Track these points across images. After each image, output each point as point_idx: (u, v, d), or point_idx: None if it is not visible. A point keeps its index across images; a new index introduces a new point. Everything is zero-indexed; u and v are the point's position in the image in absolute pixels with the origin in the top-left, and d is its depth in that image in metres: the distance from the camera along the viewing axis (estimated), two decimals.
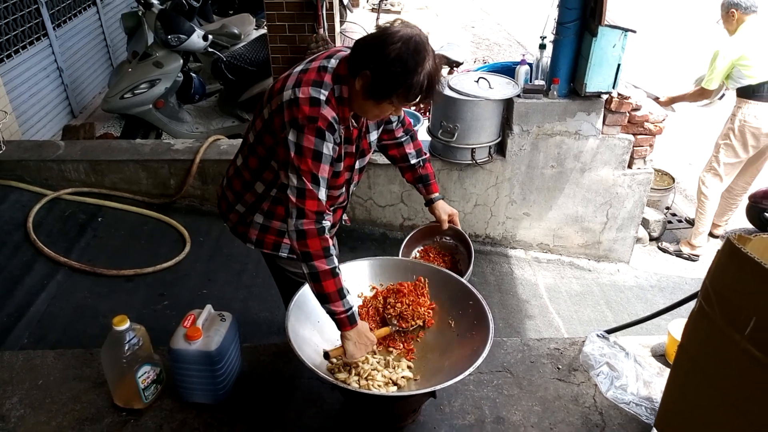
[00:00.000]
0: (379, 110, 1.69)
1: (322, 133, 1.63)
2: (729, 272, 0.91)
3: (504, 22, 9.95)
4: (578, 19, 3.43)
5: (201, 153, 3.72)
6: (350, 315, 1.65)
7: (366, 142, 1.93)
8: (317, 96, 1.64)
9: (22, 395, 1.87)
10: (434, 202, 2.13)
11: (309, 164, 1.63)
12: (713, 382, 0.98)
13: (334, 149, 1.68)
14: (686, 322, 1.06)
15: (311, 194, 1.63)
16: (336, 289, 1.63)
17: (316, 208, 1.63)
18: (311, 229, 1.62)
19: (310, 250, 1.61)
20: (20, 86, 4.90)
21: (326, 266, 1.62)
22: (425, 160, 2.17)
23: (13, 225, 3.34)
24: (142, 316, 2.87)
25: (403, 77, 1.57)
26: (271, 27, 4.48)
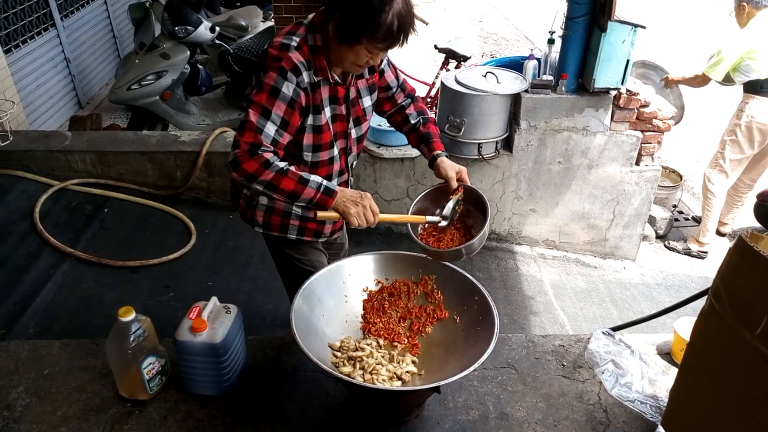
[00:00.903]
0: (355, 56, 1.67)
1: (284, 72, 1.65)
2: (741, 271, 0.90)
3: (512, 17, 9.90)
4: (587, 14, 3.40)
5: (207, 145, 3.73)
6: (324, 190, 1.69)
7: (360, 108, 1.92)
8: (287, 42, 1.69)
9: (28, 385, 1.88)
10: (437, 159, 1.98)
11: (264, 99, 1.66)
12: (722, 381, 0.98)
13: (296, 92, 1.68)
14: (696, 320, 1.05)
15: (250, 126, 1.65)
16: (295, 182, 1.66)
17: (251, 139, 1.65)
18: (242, 153, 1.65)
19: (248, 171, 1.65)
20: (28, 76, 4.91)
21: (271, 173, 1.65)
22: (427, 119, 2.08)
23: (20, 215, 3.35)
24: (148, 308, 2.88)
25: (370, 15, 1.57)
26: (278, 19, 4.47)
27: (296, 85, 1.68)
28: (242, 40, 5.36)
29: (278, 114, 1.67)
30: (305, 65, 1.69)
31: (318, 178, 1.71)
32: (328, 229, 2.10)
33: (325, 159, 1.89)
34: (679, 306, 2.21)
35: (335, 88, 1.81)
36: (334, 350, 1.75)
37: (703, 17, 9.18)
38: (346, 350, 1.73)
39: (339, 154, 1.92)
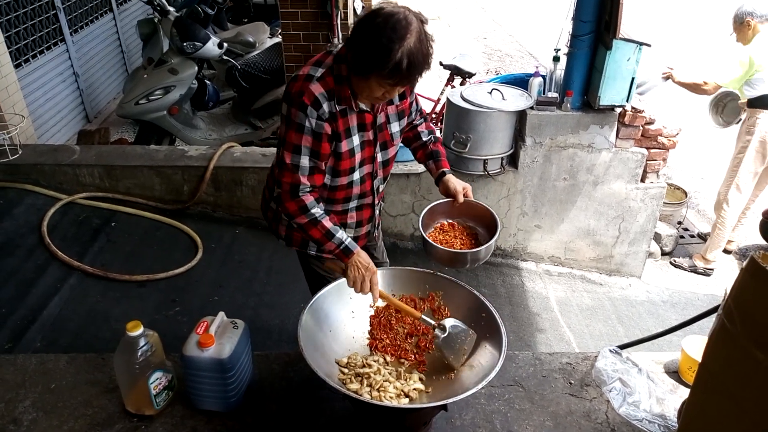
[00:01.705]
0: (369, 89, 1.72)
1: (305, 107, 1.73)
2: (753, 291, 0.90)
3: (516, 34, 9.97)
4: (593, 32, 3.43)
5: (215, 160, 3.75)
6: (343, 249, 1.83)
7: (387, 133, 1.96)
8: (312, 73, 1.76)
9: (35, 399, 1.88)
10: (445, 176, 2.10)
11: (292, 136, 1.77)
12: (735, 401, 0.97)
13: (319, 125, 1.75)
14: (708, 339, 1.05)
15: (286, 167, 1.80)
16: (322, 234, 1.83)
17: (290, 180, 1.80)
18: (285, 194, 1.82)
19: (288, 211, 1.84)
20: (37, 91, 4.96)
21: (306, 219, 1.82)
22: (436, 138, 2.19)
23: (28, 228, 3.37)
24: (154, 322, 2.88)
25: (378, 53, 1.60)
26: (285, 36, 4.52)
27: (317, 119, 1.75)
28: (249, 55, 5.41)
29: (307, 146, 1.78)
30: (326, 96, 1.74)
31: (343, 235, 1.84)
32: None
33: (344, 183, 1.93)
34: (686, 324, 2.21)
35: (362, 116, 1.85)
36: (341, 366, 1.75)
37: (706, 35, 9.23)
38: (354, 366, 1.73)
39: (363, 178, 1.96)
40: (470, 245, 2.10)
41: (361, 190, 1.99)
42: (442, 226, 2.20)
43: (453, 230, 2.18)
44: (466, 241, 2.12)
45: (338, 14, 4.36)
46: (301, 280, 3.47)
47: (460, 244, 2.10)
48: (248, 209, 3.91)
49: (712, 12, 9.82)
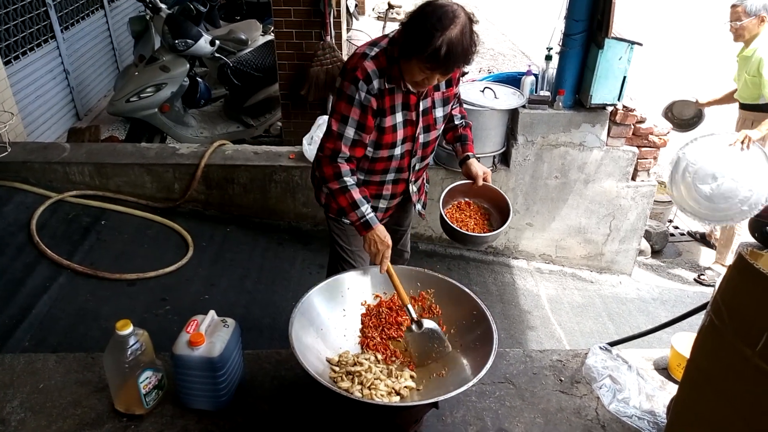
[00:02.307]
0: (410, 72, 1.83)
1: (357, 81, 1.87)
2: (741, 287, 0.91)
3: (509, 33, 9.98)
4: (585, 31, 3.44)
5: (206, 158, 3.73)
6: (363, 222, 1.95)
7: (432, 117, 2.09)
8: (368, 52, 1.91)
9: (23, 399, 1.87)
10: (468, 159, 2.27)
11: (342, 107, 1.91)
12: (724, 397, 0.98)
13: (367, 98, 1.88)
14: (696, 336, 1.06)
15: (332, 134, 1.94)
16: (348, 203, 1.95)
17: (332, 146, 1.94)
18: (324, 158, 1.96)
19: (324, 174, 1.97)
20: (26, 88, 4.92)
21: (337, 186, 1.95)
22: (467, 123, 2.34)
23: (17, 226, 3.34)
24: (144, 321, 2.87)
25: (421, 37, 1.72)
26: (278, 33, 4.49)
27: (367, 92, 1.88)
28: (242, 53, 5.38)
29: (354, 118, 1.91)
30: (377, 73, 1.88)
31: (367, 209, 1.96)
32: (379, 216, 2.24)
33: (385, 156, 2.06)
34: (676, 321, 2.22)
35: (408, 96, 1.97)
36: (332, 365, 1.75)
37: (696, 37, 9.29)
38: (345, 365, 1.73)
39: (403, 155, 2.10)
40: (483, 225, 2.32)
41: (399, 165, 2.12)
42: (459, 204, 2.40)
43: (469, 209, 2.38)
44: (479, 221, 2.34)
45: (331, 12, 4.34)
46: (292, 278, 3.48)
47: (473, 224, 2.31)
48: (240, 207, 3.89)
49: (703, 10, 9.89)
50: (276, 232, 3.86)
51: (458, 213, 2.35)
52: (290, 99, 4.71)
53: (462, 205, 2.39)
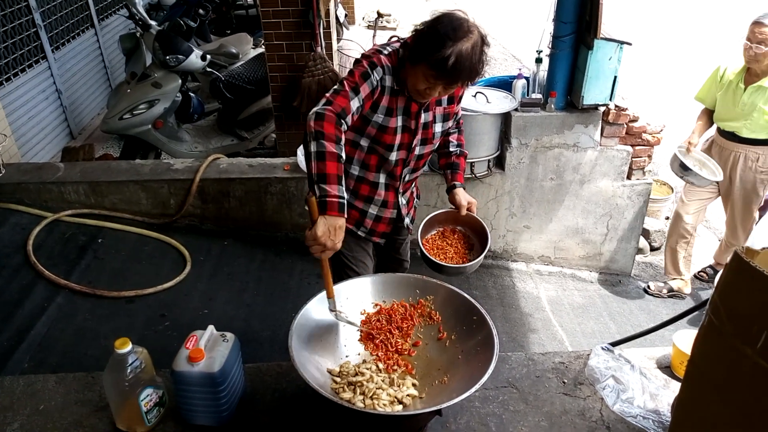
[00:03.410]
0: (414, 78, 1.83)
1: (374, 65, 1.86)
2: (738, 286, 0.91)
3: (498, 37, 10.03)
4: (574, 33, 3.46)
5: (201, 172, 3.73)
6: (340, 203, 1.71)
7: (431, 132, 2.08)
8: (381, 48, 1.92)
9: (23, 421, 1.85)
10: (455, 188, 2.27)
11: (356, 77, 1.84)
12: (725, 396, 0.98)
13: (379, 83, 1.86)
14: (696, 336, 1.06)
15: (345, 94, 1.81)
16: (336, 173, 1.72)
17: (344, 104, 1.79)
18: (331, 115, 1.75)
19: (324, 130, 1.73)
20: (19, 109, 4.92)
21: (334, 149, 1.72)
22: (461, 153, 2.33)
23: (13, 248, 3.33)
24: (144, 338, 2.86)
25: (432, 42, 1.72)
26: (269, 46, 4.51)
27: (379, 80, 1.87)
28: (233, 67, 5.40)
29: (363, 94, 1.85)
30: (389, 69, 1.89)
31: (343, 191, 1.73)
32: (369, 223, 2.25)
33: (380, 152, 2.04)
34: (677, 319, 2.22)
35: (410, 102, 1.96)
36: (333, 376, 1.74)
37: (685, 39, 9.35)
38: (346, 375, 1.72)
39: (396, 162, 2.06)
40: (463, 254, 2.31)
41: (392, 170, 2.09)
42: (444, 231, 2.38)
43: (452, 237, 2.37)
44: (460, 250, 2.32)
45: (320, 23, 4.36)
46: (291, 289, 3.47)
47: (453, 252, 2.30)
48: (236, 220, 3.89)
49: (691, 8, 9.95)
50: (273, 244, 3.85)
51: (440, 241, 2.35)
52: (283, 110, 4.72)
53: (446, 233, 2.39)
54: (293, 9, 4.31)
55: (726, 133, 3.59)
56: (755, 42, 3.22)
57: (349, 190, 2.14)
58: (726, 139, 3.60)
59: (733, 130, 3.52)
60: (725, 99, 3.51)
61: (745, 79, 3.41)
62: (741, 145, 3.52)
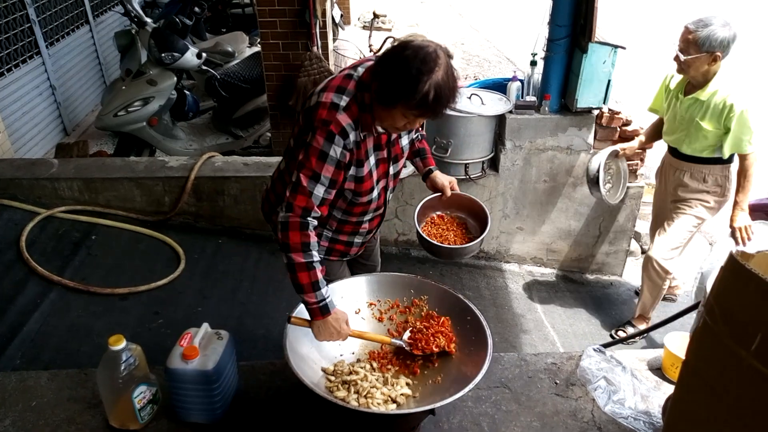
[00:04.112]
0: (392, 119, 1.72)
1: (332, 137, 1.70)
2: (733, 288, 0.92)
3: (493, 39, 10.06)
4: (568, 36, 3.48)
5: (195, 170, 3.73)
6: (322, 306, 1.72)
7: (399, 147, 2.01)
8: (337, 102, 1.73)
9: (15, 417, 1.85)
10: (432, 173, 2.22)
11: (313, 163, 1.72)
12: (719, 398, 0.99)
13: (342, 153, 1.74)
14: (690, 337, 1.07)
15: (303, 191, 1.73)
16: (309, 282, 1.70)
17: (304, 204, 1.72)
18: (294, 222, 1.71)
19: (289, 241, 1.71)
20: (13, 104, 4.90)
21: (302, 260, 1.70)
22: (422, 136, 2.28)
23: (6, 244, 3.31)
24: (137, 335, 2.85)
25: (406, 84, 1.60)
26: (265, 45, 4.51)
27: (343, 147, 1.73)
28: (229, 65, 5.40)
29: (327, 176, 1.74)
30: (353, 126, 1.74)
31: (327, 291, 1.73)
32: (355, 250, 2.20)
33: (364, 201, 1.96)
34: (668, 321, 2.24)
35: (379, 137, 1.88)
36: (327, 374, 1.75)
37: None
38: (340, 374, 1.73)
39: (379, 194, 2.00)
40: (462, 235, 2.25)
41: (377, 205, 2.04)
42: (432, 219, 2.32)
43: (443, 222, 2.31)
44: (457, 232, 2.27)
45: (317, 23, 4.36)
46: (285, 289, 3.46)
47: (453, 236, 2.24)
48: (231, 219, 3.89)
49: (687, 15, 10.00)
50: (268, 243, 3.85)
51: (434, 228, 2.27)
52: (278, 109, 4.72)
53: (435, 220, 2.31)
54: (290, 8, 4.32)
55: (671, 149, 3.31)
56: (680, 48, 2.95)
57: (332, 229, 2.07)
58: (672, 156, 3.31)
59: (675, 145, 3.22)
60: (670, 111, 3.22)
61: (686, 90, 3.12)
62: (686, 164, 3.21)
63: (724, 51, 2.87)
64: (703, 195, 3.22)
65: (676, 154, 3.26)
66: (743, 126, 2.93)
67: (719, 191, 3.20)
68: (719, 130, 2.99)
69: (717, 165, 3.14)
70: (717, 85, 2.96)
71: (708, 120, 3.00)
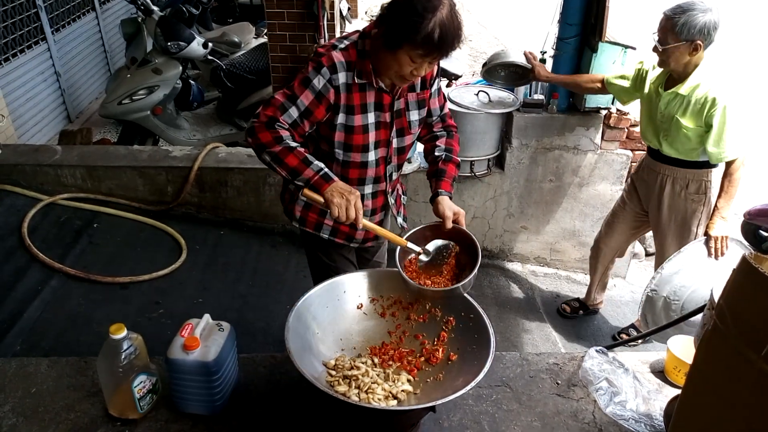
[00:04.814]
0: (398, 64, 1.71)
1: (320, 67, 1.76)
2: (745, 292, 0.91)
3: (501, 36, 10.02)
4: (578, 35, 3.46)
5: (199, 160, 3.71)
6: (323, 174, 1.73)
7: (405, 120, 1.96)
8: (337, 43, 1.80)
9: (15, 403, 1.84)
10: (438, 197, 1.95)
11: (295, 85, 1.77)
12: (728, 402, 0.98)
13: (326, 87, 1.77)
14: (699, 340, 1.06)
15: (275, 103, 1.77)
16: (299, 160, 1.73)
17: (271, 113, 1.76)
18: (260, 124, 1.76)
19: (261, 141, 1.75)
20: (17, 90, 4.88)
21: (280, 147, 1.73)
22: (450, 158, 2.06)
23: (8, 230, 3.31)
24: (137, 324, 2.84)
25: (411, 22, 1.61)
26: (271, 36, 4.48)
27: (327, 81, 1.76)
28: (235, 56, 5.38)
29: (303, 102, 1.77)
30: (345, 65, 1.77)
31: (320, 164, 1.76)
32: (360, 234, 2.16)
33: (357, 161, 1.93)
34: (671, 324, 2.23)
35: (381, 95, 1.86)
36: (328, 369, 1.74)
37: None
38: (341, 369, 1.72)
39: (377, 161, 1.97)
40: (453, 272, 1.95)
41: (375, 174, 2.00)
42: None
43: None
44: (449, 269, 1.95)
45: (325, 15, 4.34)
46: (286, 282, 3.46)
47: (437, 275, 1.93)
48: (233, 210, 3.87)
49: None
50: (270, 235, 3.84)
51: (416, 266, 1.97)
52: None
53: None
54: (298, 0, 4.29)
55: (652, 151, 3.03)
56: (658, 38, 2.69)
57: None
58: (652, 158, 3.03)
59: (656, 147, 2.95)
60: (647, 107, 2.95)
61: (666, 84, 2.84)
62: (668, 167, 2.94)
63: (706, 39, 2.60)
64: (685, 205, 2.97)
65: (657, 156, 2.99)
66: (727, 123, 2.65)
67: (703, 200, 2.93)
68: (701, 128, 2.71)
69: (702, 169, 2.89)
70: (699, 78, 2.68)
71: (688, 117, 2.72)
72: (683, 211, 2.98)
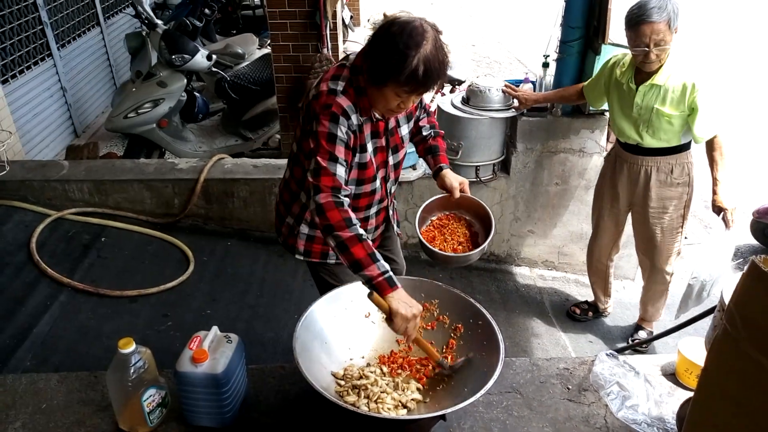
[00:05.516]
0: (384, 99, 1.72)
1: (336, 117, 1.71)
2: (755, 295, 0.89)
3: (504, 40, 10.03)
4: (582, 38, 3.45)
5: (205, 172, 3.73)
6: (388, 277, 1.64)
7: (398, 137, 1.99)
8: (334, 87, 1.75)
9: (25, 420, 1.85)
10: (442, 171, 2.12)
11: (324, 146, 1.71)
12: (740, 407, 0.96)
13: (348, 134, 1.74)
14: (710, 344, 1.05)
15: (326, 171, 1.70)
16: (366, 254, 1.65)
17: (331, 183, 1.70)
18: (328, 201, 1.68)
19: (330, 222, 1.67)
20: (24, 106, 4.93)
21: (350, 233, 1.66)
22: (437, 133, 2.20)
23: (17, 245, 3.33)
24: (146, 338, 2.85)
25: (395, 60, 1.60)
26: (275, 47, 4.51)
27: (347, 128, 1.74)
28: (239, 67, 5.41)
29: (340, 156, 1.73)
30: (353, 108, 1.75)
31: (386, 264, 1.68)
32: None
33: (368, 191, 1.95)
34: (682, 327, 2.21)
35: (377, 124, 1.87)
36: (337, 379, 1.73)
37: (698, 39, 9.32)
38: (350, 378, 1.71)
39: (380, 184, 1.99)
40: (467, 240, 2.17)
41: (380, 196, 2.02)
42: (439, 219, 2.25)
43: (449, 224, 2.23)
44: (462, 237, 2.19)
45: (327, 25, 4.36)
46: (294, 291, 3.46)
47: (458, 240, 2.16)
48: (240, 221, 3.88)
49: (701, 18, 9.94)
50: (277, 245, 3.81)
51: (437, 231, 2.20)
52: (288, 111, 4.71)
53: (442, 220, 2.24)
54: (300, 10, 4.31)
55: (629, 146, 3.02)
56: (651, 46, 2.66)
57: None
58: (632, 153, 3.02)
59: (636, 141, 2.94)
60: (620, 104, 2.95)
61: (636, 78, 2.85)
62: (650, 158, 2.96)
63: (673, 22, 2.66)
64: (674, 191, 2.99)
65: (637, 150, 2.98)
66: (709, 103, 2.71)
67: (687, 180, 2.98)
68: (684, 113, 2.76)
69: (683, 152, 2.93)
70: (671, 66, 2.74)
71: (669, 105, 2.76)
72: (671, 196, 3.02)
